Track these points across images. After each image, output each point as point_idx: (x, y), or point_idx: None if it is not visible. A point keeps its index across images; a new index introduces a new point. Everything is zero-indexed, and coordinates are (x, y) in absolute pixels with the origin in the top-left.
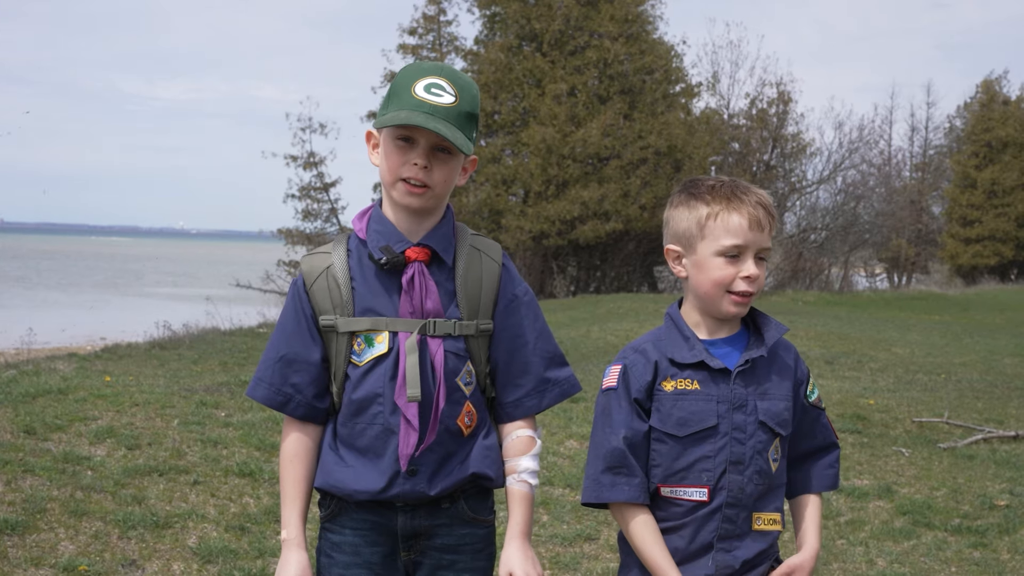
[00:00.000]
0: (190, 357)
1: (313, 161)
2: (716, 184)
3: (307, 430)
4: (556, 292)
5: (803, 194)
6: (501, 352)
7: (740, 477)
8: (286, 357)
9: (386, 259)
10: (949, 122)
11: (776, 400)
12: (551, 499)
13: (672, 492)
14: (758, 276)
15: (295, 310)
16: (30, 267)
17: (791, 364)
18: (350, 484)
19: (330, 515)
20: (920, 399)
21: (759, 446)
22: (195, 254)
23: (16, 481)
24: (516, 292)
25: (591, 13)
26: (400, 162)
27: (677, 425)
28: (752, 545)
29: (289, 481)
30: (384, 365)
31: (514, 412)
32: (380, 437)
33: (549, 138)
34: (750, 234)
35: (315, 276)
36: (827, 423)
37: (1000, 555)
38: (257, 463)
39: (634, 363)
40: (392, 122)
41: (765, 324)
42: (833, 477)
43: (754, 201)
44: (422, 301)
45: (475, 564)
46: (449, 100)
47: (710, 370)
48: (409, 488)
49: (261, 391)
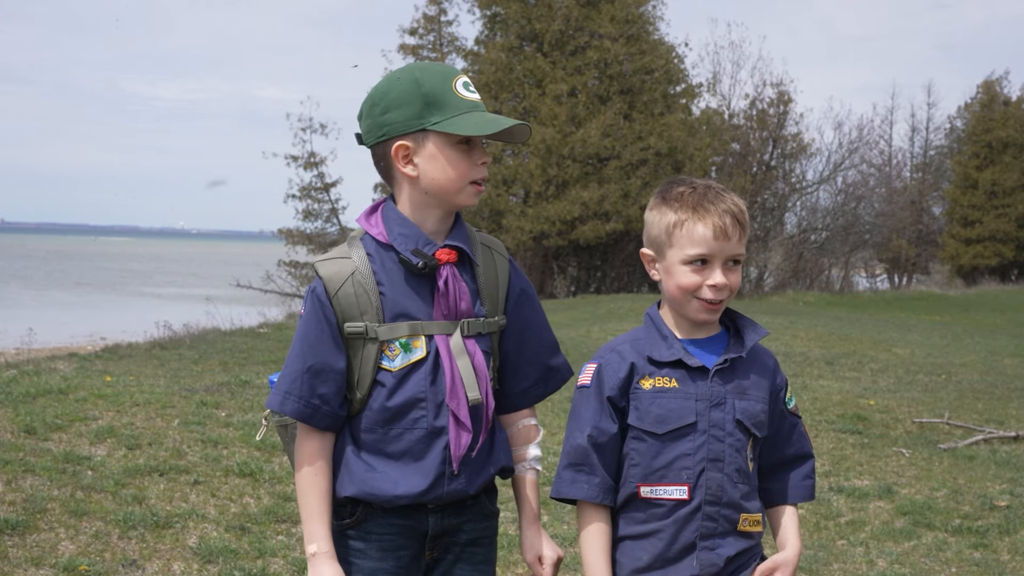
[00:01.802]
0: (190, 357)
1: (314, 161)
2: (686, 190)
3: (326, 440)
4: (556, 292)
5: (803, 194)
6: (512, 344)
7: (719, 475)
8: (314, 368)
9: (424, 263)
10: (950, 122)
11: (754, 401)
12: (551, 499)
13: (652, 491)
14: (725, 285)
15: (317, 318)
16: (30, 267)
17: (771, 368)
18: (389, 490)
19: (355, 522)
20: (920, 400)
21: (737, 444)
22: (195, 254)
23: (16, 481)
24: (523, 285)
25: (591, 14)
26: (469, 166)
27: (655, 422)
28: (736, 543)
29: (313, 494)
30: (423, 370)
31: (520, 402)
32: (422, 441)
33: (549, 138)
34: (715, 244)
35: (340, 282)
36: (804, 432)
37: (1000, 556)
38: (258, 463)
39: (609, 362)
40: (488, 130)
41: (744, 326)
42: (810, 488)
43: (721, 210)
44: (457, 303)
45: (490, 555)
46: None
47: (688, 368)
48: (453, 488)
49: (291, 404)
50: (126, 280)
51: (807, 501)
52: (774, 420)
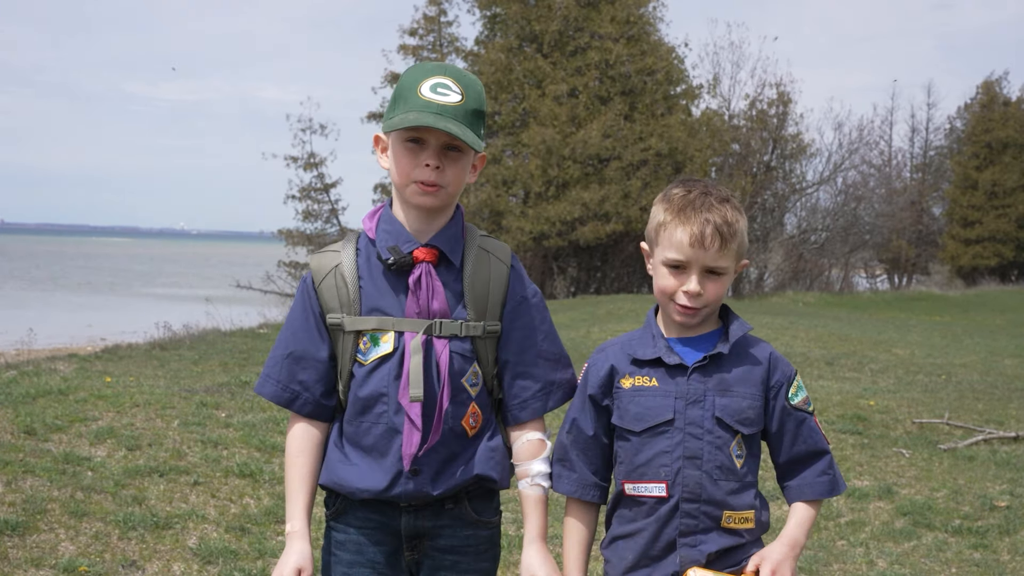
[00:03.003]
0: (190, 358)
1: (313, 162)
2: (680, 193)
3: (313, 427)
4: (556, 293)
5: (803, 195)
6: (509, 353)
7: (697, 472)
8: (294, 354)
9: (393, 259)
10: (949, 123)
11: (738, 397)
12: (551, 499)
13: (635, 488)
14: (698, 293)
15: (303, 307)
16: (30, 268)
17: (763, 363)
18: (354, 482)
19: (335, 513)
20: (920, 400)
21: (717, 442)
22: (195, 254)
23: (16, 482)
24: (525, 294)
25: (591, 14)
26: (412, 164)
27: (634, 420)
28: (719, 539)
29: (295, 476)
30: (389, 365)
31: (520, 414)
32: (384, 436)
33: (549, 139)
34: (690, 251)
35: (323, 274)
36: (815, 427)
37: (1000, 556)
38: (258, 464)
39: (594, 362)
40: (402, 124)
41: (731, 322)
42: (828, 483)
43: (703, 219)
44: (428, 302)
45: (478, 565)
46: (456, 99)
47: (667, 366)
48: (412, 488)
49: (269, 388)
50: (126, 281)
51: (827, 497)
52: (774, 417)
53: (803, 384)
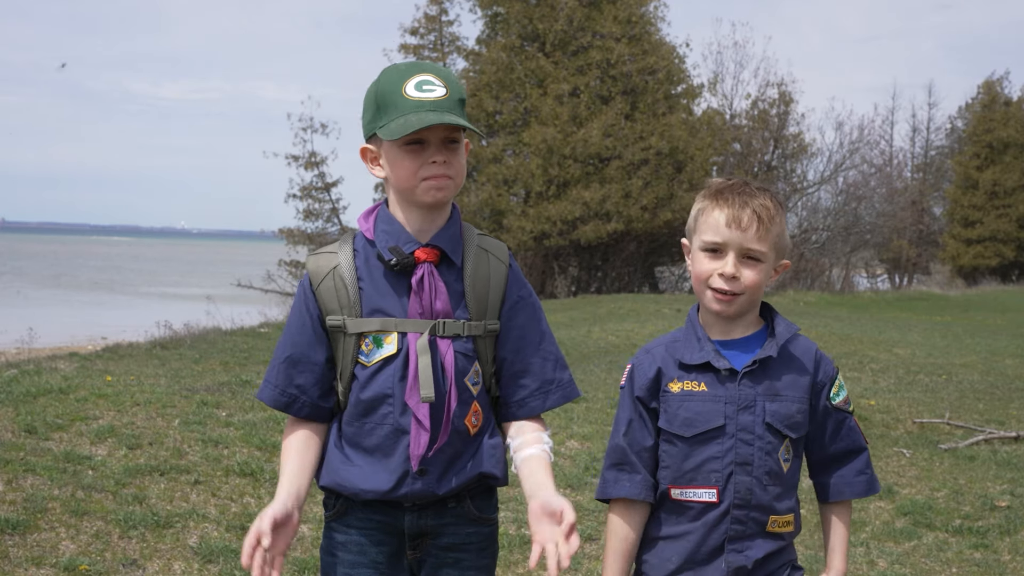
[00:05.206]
0: (191, 357)
1: (314, 161)
2: (724, 183)
3: (310, 427)
4: (557, 292)
5: (804, 194)
6: (507, 352)
7: (748, 478)
8: (291, 358)
9: (396, 260)
10: (950, 123)
11: (788, 402)
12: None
13: (682, 494)
14: (733, 276)
15: (300, 310)
16: (31, 267)
17: (809, 365)
18: (358, 483)
19: (336, 514)
20: (921, 400)
21: (768, 447)
22: (196, 254)
23: (17, 480)
24: (522, 293)
25: (594, 14)
26: (417, 165)
27: (683, 426)
28: (764, 545)
29: (286, 470)
30: (393, 366)
31: (518, 412)
32: (389, 437)
33: (550, 138)
34: (727, 231)
35: (322, 276)
36: (855, 426)
37: (1001, 556)
38: (258, 463)
39: (640, 363)
40: (407, 129)
41: (778, 324)
42: (865, 483)
43: (741, 201)
44: (432, 302)
45: (480, 562)
46: (442, 92)
47: (717, 371)
48: (419, 488)
49: (267, 392)
50: (126, 280)
51: (864, 496)
52: (816, 417)
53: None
